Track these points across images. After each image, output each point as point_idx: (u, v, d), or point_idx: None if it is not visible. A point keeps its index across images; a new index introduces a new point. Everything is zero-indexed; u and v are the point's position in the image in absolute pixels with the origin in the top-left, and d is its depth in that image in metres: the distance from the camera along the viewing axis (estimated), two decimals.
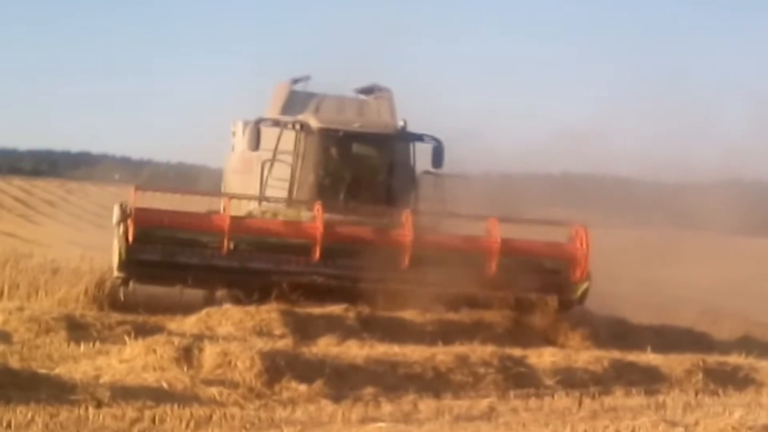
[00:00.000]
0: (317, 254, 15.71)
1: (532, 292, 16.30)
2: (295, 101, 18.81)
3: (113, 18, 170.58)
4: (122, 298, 15.80)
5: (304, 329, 14.33)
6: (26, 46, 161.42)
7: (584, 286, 16.49)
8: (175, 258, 15.63)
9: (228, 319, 14.47)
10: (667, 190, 25.00)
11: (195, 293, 15.99)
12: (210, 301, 15.81)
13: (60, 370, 10.84)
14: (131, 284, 15.65)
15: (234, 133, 19.71)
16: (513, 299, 16.14)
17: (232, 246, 15.73)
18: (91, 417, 9.22)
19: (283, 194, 17.12)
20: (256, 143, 17.02)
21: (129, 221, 15.39)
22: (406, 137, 17.67)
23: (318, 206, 15.97)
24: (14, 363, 10.95)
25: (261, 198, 17.16)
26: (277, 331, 14.16)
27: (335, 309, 15.13)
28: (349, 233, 16.15)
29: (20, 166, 79.89)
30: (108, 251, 16.79)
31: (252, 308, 14.68)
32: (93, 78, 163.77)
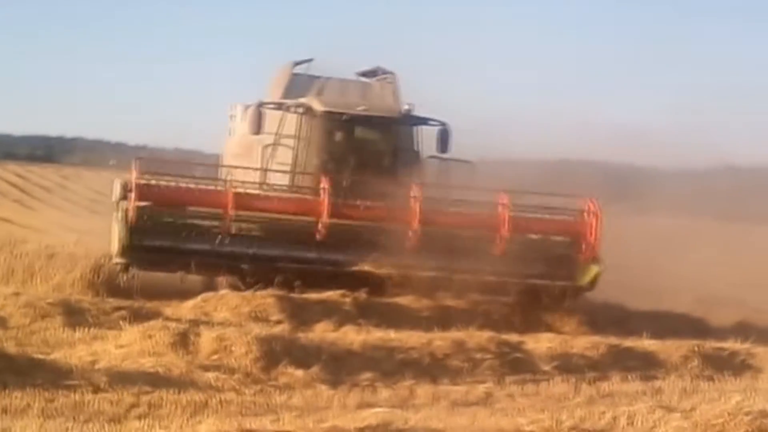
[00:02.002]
0: (323, 232, 15.43)
1: (541, 278, 16.18)
2: (297, 84, 18.54)
3: (109, 5, 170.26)
4: (122, 284, 15.68)
5: (301, 315, 14.29)
6: (20, 31, 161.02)
7: (595, 270, 16.28)
8: (177, 243, 15.38)
9: (224, 304, 14.44)
10: (662, 177, 24.96)
11: (193, 279, 15.90)
12: (209, 287, 15.71)
13: (56, 356, 10.82)
14: (132, 270, 15.52)
15: (232, 117, 19.50)
16: (522, 286, 15.98)
17: (235, 230, 15.45)
18: (87, 402, 9.22)
19: (285, 178, 16.80)
20: (257, 127, 16.72)
21: (130, 197, 15.06)
22: (411, 121, 17.48)
23: (324, 181, 15.64)
24: (10, 348, 10.91)
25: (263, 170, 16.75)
26: (274, 317, 14.12)
27: (332, 295, 15.08)
28: (355, 208, 15.82)
29: (15, 152, 79.65)
30: (104, 236, 16.72)
31: (248, 294, 14.65)
32: (88, 63, 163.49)
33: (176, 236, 15.44)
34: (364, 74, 19.56)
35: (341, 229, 15.69)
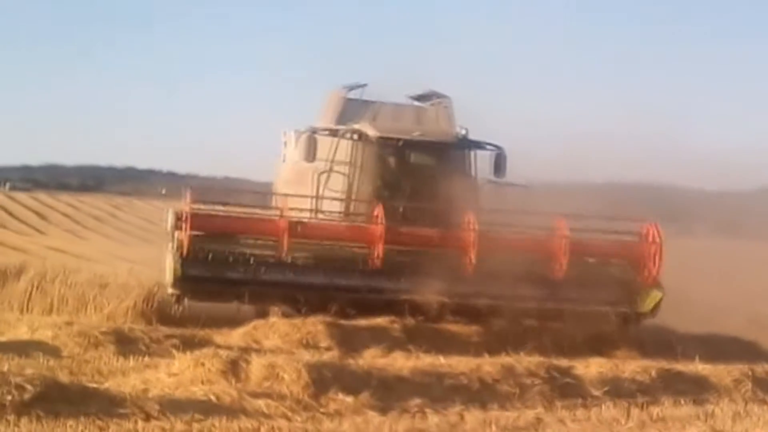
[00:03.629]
0: (378, 258, 15.28)
1: (602, 304, 15.96)
2: (350, 110, 18.39)
3: (157, 33, 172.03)
4: (176, 314, 15.67)
5: (350, 341, 14.33)
6: (72, 63, 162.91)
7: (657, 296, 16.11)
8: (231, 273, 15.24)
9: (274, 332, 14.52)
10: (709, 198, 24.75)
11: (246, 307, 15.87)
12: (262, 316, 15.66)
13: (109, 384, 10.93)
14: (185, 301, 15.48)
15: (285, 144, 19.38)
16: (582, 313, 15.70)
17: (289, 260, 15.33)
18: (140, 430, 9.29)
19: (339, 206, 16.65)
20: (312, 154, 16.57)
21: (184, 227, 14.93)
22: (466, 145, 17.34)
23: (379, 208, 15.49)
24: (64, 377, 11.02)
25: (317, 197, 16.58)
26: (323, 344, 14.18)
27: (381, 321, 15.11)
28: (410, 235, 15.67)
29: (67, 182, 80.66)
30: (156, 266, 16.82)
31: (298, 321, 14.69)
32: (139, 93, 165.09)
33: (230, 266, 15.32)
34: (418, 98, 19.36)
35: (397, 257, 15.56)
